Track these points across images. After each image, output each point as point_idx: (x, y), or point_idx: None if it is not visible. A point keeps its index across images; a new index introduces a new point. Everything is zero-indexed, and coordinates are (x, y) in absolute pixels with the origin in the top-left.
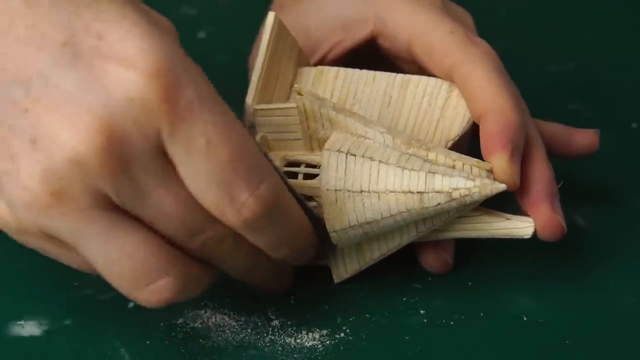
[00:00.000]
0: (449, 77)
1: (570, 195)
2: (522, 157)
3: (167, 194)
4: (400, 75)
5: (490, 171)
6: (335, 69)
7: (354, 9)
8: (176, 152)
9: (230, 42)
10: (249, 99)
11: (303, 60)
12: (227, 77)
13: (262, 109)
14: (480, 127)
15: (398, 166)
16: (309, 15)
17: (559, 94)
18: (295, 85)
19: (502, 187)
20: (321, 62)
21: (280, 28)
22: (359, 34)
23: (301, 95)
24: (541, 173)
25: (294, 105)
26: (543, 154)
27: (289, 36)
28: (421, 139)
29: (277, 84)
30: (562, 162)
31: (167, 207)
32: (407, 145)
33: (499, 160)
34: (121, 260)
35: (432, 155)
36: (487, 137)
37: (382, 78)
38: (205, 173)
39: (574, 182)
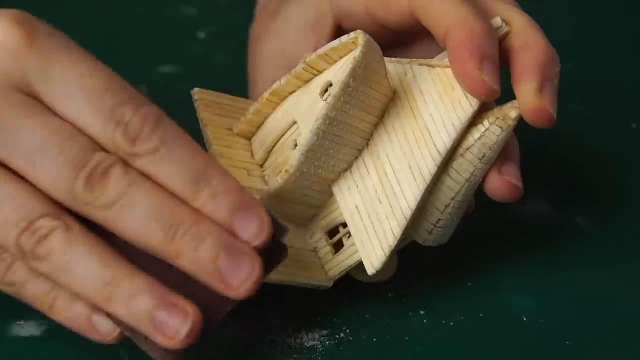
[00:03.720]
0: (412, 17)
1: (570, 195)
2: (514, 52)
3: (39, 125)
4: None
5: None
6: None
7: (312, 9)
8: (50, 90)
9: (230, 42)
10: None
11: None
12: (227, 77)
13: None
14: (447, 45)
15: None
16: (280, 37)
17: (558, 95)
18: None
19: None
20: None
21: None
22: (327, 29)
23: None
24: (532, 53)
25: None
26: (538, 44)
27: None
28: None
29: None
30: (562, 162)
31: (40, 138)
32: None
33: (470, 70)
34: (2, 206)
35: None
36: (453, 50)
37: None
38: (85, 102)
39: (573, 182)
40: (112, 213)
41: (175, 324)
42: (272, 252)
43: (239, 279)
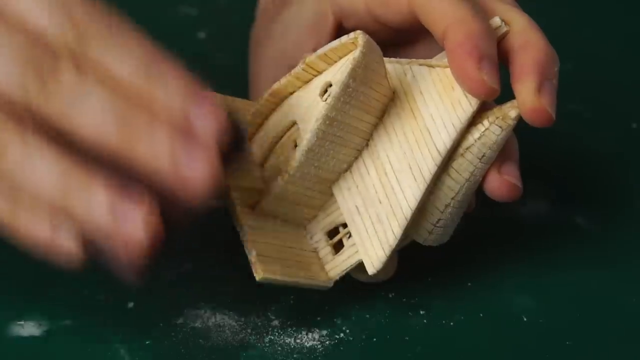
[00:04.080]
0: (412, 16)
1: (570, 195)
2: (513, 52)
3: None
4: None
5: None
6: None
7: (313, 9)
8: None
9: (230, 42)
10: None
11: None
12: (227, 77)
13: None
14: (445, 44)
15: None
16: (281, 38)
17: (558, 94)
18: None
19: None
20: None
21: None
22: (327, 29)
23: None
24: (531, 52)
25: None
26: (538, 44)
27: None
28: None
29: None
30: (561, 162)
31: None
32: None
33: (468, 70)
34: None
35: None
36: (452, 51)
37: None
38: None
39: (573, 181)
40: (65, 108)
41: (134, 214)
42: (231, 147)
43: (196, 171)
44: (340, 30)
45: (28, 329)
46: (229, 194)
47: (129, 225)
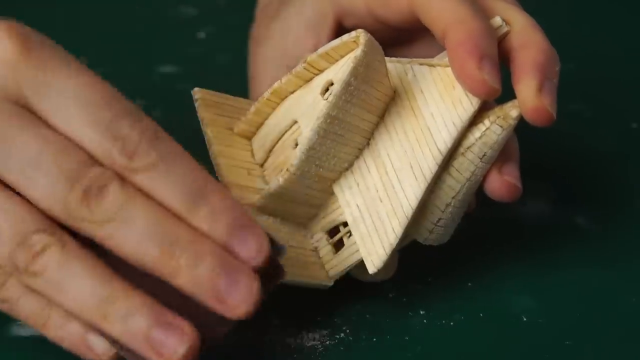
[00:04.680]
0: (412, 15)
1: (571, 195)
2: (514, 52)
3: (33, 138)
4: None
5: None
6: None
7: (313, 8)
8: (46, 102)
9: (230, 42)
10: None
11: None
12: (227, 77)
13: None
14: (445, 44)
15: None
16: (281, 37)
17: (559, 94)
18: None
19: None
20: None
21: None
22: (327, 27)
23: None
24: (532, 52)
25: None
26: (538, 44)
27: None
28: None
29: None
30: (562, 162)
31: (34, 150)
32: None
33: (469, 69)
34: None
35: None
36: (452, 50)
37: None
38: (81, 115)
39: (573, 181)
40: (108, 229)
41: (172, 343)
42: (270, 272)
43: (237, 299)
44: (340, 29)
45: (28, 329)
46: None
47: (165, 347)
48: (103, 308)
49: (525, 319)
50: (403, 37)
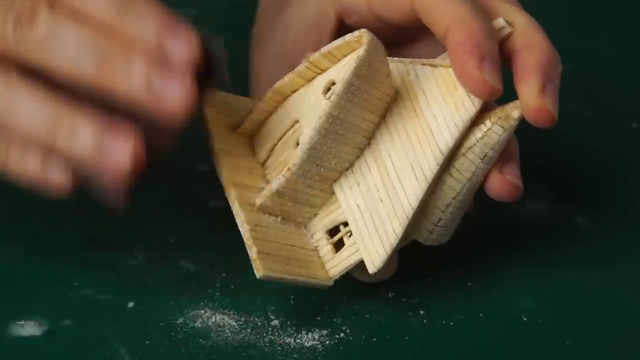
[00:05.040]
0: (414, 15)
1: (570, 195)
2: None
3: None
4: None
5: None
6: None
7: (314, 7)
8: None
9: (230, 42)
10: None
11: None
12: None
13: None
14: (446, 45)
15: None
16: (283, 36)
17: (559, 95)
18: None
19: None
20: None
21: None
22: (329, 26)
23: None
24: (534, 53)
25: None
26: (540, 45)
27: None
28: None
29: None
30: (562, 162)
31: None
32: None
33: (470, 70)
34: None
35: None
36: (453, 51)
37: None
38: None
39: (573, 182)
40: (44, 49)
41: (119, 146)
42: (209, 66)
43: (172, 99)
44: (342, 28)
45: (28, 329)
46: (230, 190)
47: (114, 156)
48: (52, 128)
49: (525, 319)
50: (404, 36)
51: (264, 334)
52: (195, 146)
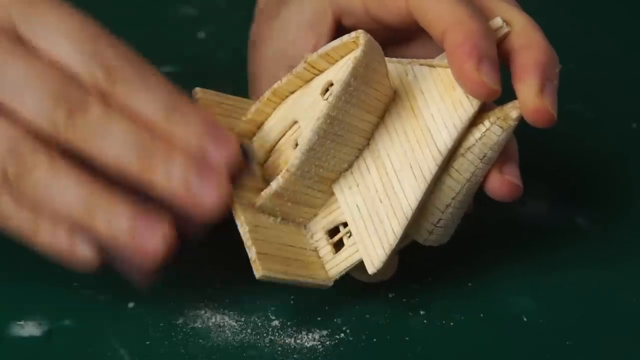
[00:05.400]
0: (410, 16)
1: (570, 195)
2: (514, 53)
3: (22, 62)
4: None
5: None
6: None
7: (312, 8)
8: (33, 30)
9: (230, 42)
10: None
11: None
12: (227, 77)
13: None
14: (444, 46)
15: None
16: (280, 37)
17: (559, 95)
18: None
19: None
20: None
21: None
22: (326, 27)
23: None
24: (533, 53)
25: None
26: (539, 45)
27: None
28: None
29: None
30: (562, 162)
31: (23, 73)
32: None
33: (467, 71)
34: None
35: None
36: (451, 52)
37: None
38: (64, 40)
39: (573, 182)
40: (91, 142)
41: (153, 236)
42: (240, 175)
43: (207, 198)
44: (339, 28)
45: (28, 329)
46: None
47: (147, 242)
48: (90, 211)
49: (525, 319)
50: (401, 37)
51: (264, 334)
52: None
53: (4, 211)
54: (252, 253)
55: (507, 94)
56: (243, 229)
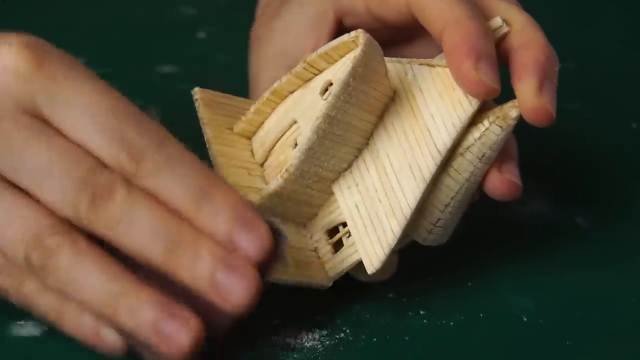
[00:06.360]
0: (411, 15)
1: (571, 195)
2: (513, 52)
3: (45, 146)
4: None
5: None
6: None
7: (313, 8)
8: (57, 112)
9: (230, 42)
10: None
11: None
12: (227, 77)
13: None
14: (442, 46)
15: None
16: (281, 37)
17: (558, 94)
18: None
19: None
20: None
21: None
22: (327, 27)
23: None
24: (532, 52)
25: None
26: (538, 44)
27: None
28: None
29: None
30: (562, 162)
31: (46, 159)
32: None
33: (466, 71)
34: (11, 224)
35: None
36: (449, 52)
37: None
38: (90, 123)
39: (573, 181)
40: (116, 230)
41: (178, 333)
42: (271, 262)
43: (236, 294)
44: (340, 28)
45: (28, 329)
46: None
47: (173, 338)
48: (114, 301)
49: (525, 319)
50: (402, 36)
51: (264, 334)
52: (194, 147)
53: (29, 296)
54: None
55: (506, 94)
56: None
